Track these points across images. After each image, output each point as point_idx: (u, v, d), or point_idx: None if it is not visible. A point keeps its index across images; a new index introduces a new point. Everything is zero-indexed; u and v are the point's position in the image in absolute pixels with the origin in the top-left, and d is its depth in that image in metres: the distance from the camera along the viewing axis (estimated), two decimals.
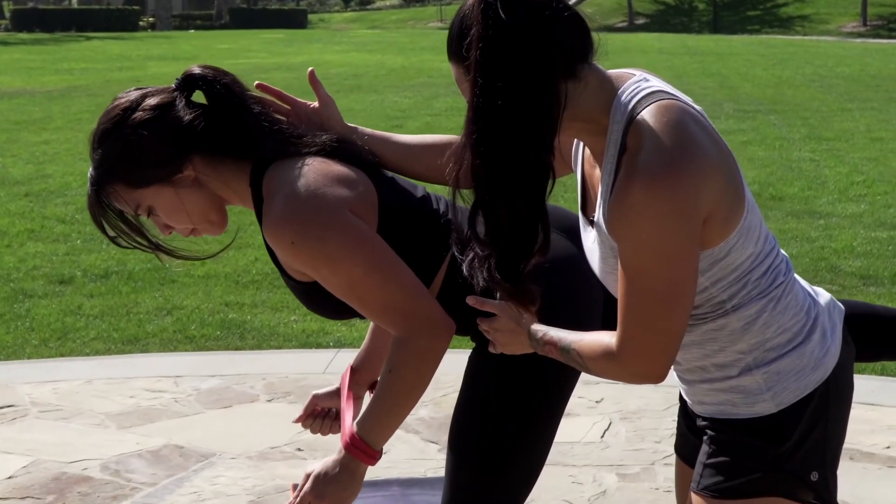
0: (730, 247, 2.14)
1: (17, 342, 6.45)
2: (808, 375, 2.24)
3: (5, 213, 9.87)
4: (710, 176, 2.07)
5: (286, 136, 2.53)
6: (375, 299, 2.45)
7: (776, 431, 2.23)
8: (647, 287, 2.08)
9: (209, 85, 2.53)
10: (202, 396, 5.37)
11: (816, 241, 8.61)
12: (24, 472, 4.56)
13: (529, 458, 2.61)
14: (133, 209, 2.55)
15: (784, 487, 2.24)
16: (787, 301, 2.23)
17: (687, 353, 2.28)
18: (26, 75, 22.73)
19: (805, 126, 14.93)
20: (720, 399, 2.28)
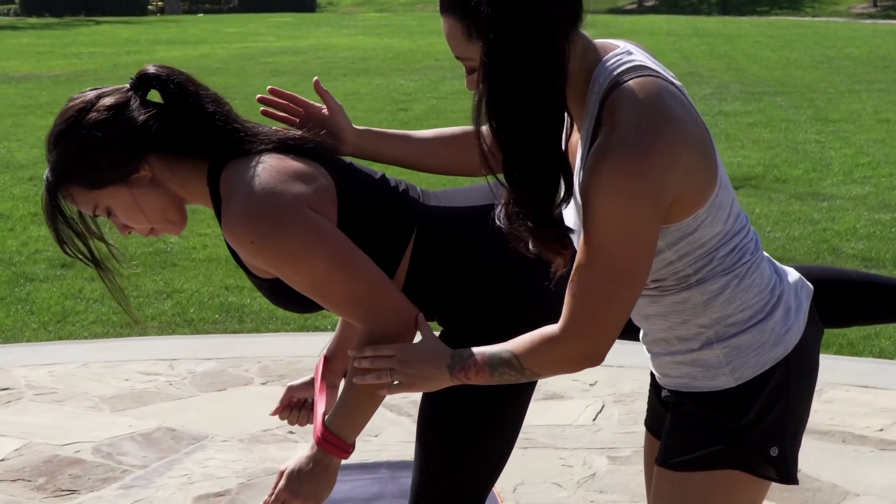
0: (699, 222, 2.15)
1: (16, 325, 6.46)
2: (768, 352, 2.26)
3: (9, 196, 9.89)
4: (683, 155, 2.08)
5: (241, 134, 2.50)
6: (339, 294, 2.44)
7: (735, 405, 2.25)
8: (603, 263, 2.09)
9: (162, 84, 2.50)
10: (197, 379, 5.38)
11: (819, 223, 8.60)
12: (16, 454, 4.57)
13: (497, 443, 2.62)
14: (91, 210, 2.52)
15: (743, 461, 2.26)
16: (751, 279, 2.25)
17: (652, 324, 2.31)
18: (34, 60, 22.74)
19: (812, 108, 14.89)
20: (682, 372, 2.30)
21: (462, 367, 2.28)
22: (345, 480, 4.27)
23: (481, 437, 2.58)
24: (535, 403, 4.70)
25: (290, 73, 19.01)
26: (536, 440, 4.55)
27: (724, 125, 13.41)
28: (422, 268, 2.53)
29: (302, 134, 2.57)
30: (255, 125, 2.57)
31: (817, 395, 5.02)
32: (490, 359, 2.25)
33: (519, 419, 2.63)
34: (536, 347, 2.19)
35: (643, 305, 2.29)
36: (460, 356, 2.29)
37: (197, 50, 24.07)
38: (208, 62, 21.25)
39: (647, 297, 2.27)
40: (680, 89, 2.16)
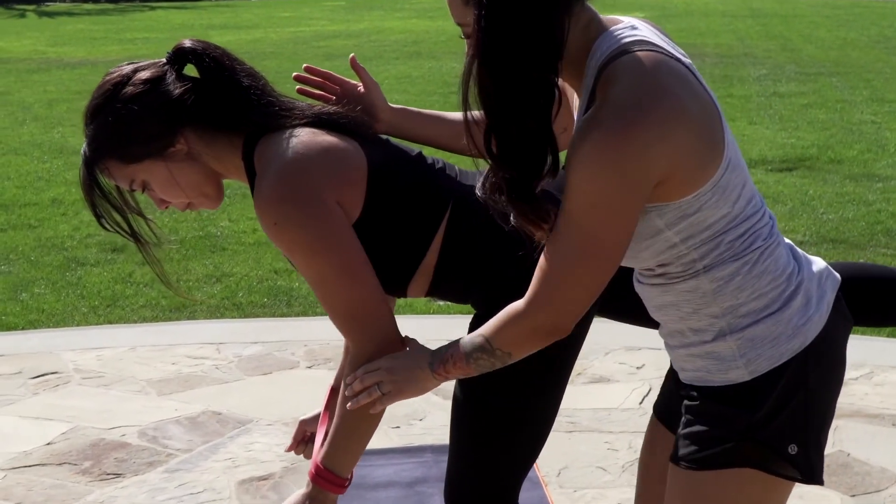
0: (701, 203, 2.08)
1: (66, 309, 6.50)
2: (785, 343, 2.16)
3: (62, 181, 9.95)
4: (675, 133, 2.02)
5: (275, 108, 2.50)
6: (340, 300, 2.41)
7: (748, 399, 2.16)
8: (574, 236, 2.05)
9: (198, 58, 2.50)
10: (243, 363, 5.39)
11: (874, 204, 8.49)
12: (62, 438, 4.59)
13: (532, 427, 2.59)
14: (128, 185, 2.52)
15: (758, 459, 2.17)
16: (764, 265, 2.15)
17: (665, 314, 2.25)
18: (90, 45, 22.85)
19: (868, 88, 14.70)
20: (697, 365, 2.23)
21: (441, 361, 2.26)
22: (389, 464, 4.28)
23: (516, 421, 2.56)
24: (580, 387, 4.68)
25: (342, 56, 18.98)
26: (581, 424, 4.52)
27: (778, 106, 13.27)
28: (455, 245, 2.51)
29: (337, 109, 2.56)
30: (290, 100, 2.56)
31: (868, 378, 4.96)
32: (464, 346, 2.23)
33: (555, 403, 2.60)
34: (504, 324, 2.17)
35: (655, 296, 2.23)
36: (440, 352, 2.28)
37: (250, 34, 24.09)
38: (262, 46, 21.27)
39: (657, 287, 2.21)
40: (688, 67, 2.10)
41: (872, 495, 3.98)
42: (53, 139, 12.02)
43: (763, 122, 12.26)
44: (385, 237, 2.49)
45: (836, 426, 4.48)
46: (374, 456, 4.36)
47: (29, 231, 8.28)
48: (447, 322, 5.93)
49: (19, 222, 8.53)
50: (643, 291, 2.28)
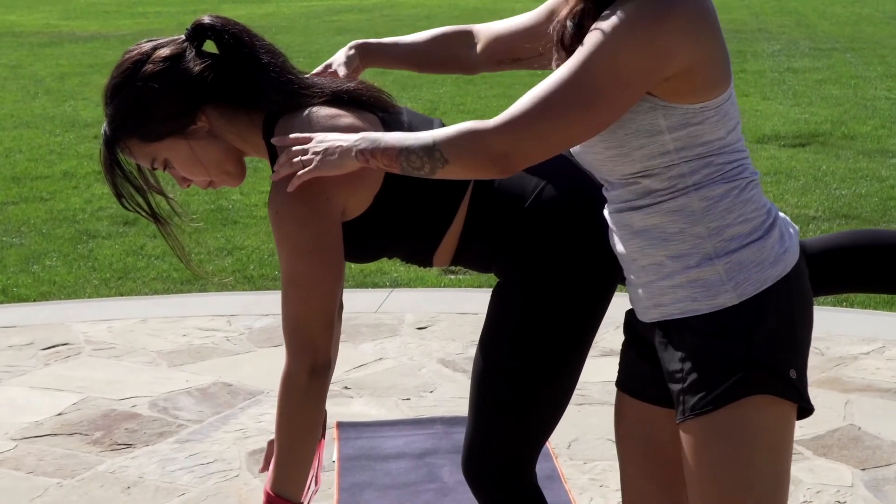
0: (705, 117, 2.15)
1: (78, 282, 6.51)
2: (769, 269, 2.20)
3: (74, 154, 9.95)
4: (704, 32, 2.10)
5: (295, 86, 2.48)
6: (301, 306, 2.40)
7: (741, 324, 2.18)
8: (572, 81, 2.08)
9: (217, 35, 2.48)
10: (254, 335, 5.40)
11: (887, 180, 8.45)
12: (73, 408, 4.61)
13: (552, 399, 2.59)
14: (149, 164, 2.51)
15: (767, 383, 2.17)
16: (750, 194, 2.21)
17: (642, 243, 2.24)
18: (102, 19, 22.85)
19: (882, 64, 14.63)
20: (679, 296, 2.22)
21: (370, 146, 2.26)
22: (399, 436, 4.28)
23: (535, 393, 2.55)
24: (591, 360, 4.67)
25: (355, 31, 18.97)
26: (592, 396, 4.52)
27: (792, 82, 13.23)
28: (480, 214, 2.50)
29: (356, 86, 2.54)
30: (309, 76, 2.55)
31: (879, 353, 4.95)
32: (404, 140, 2.22)
33: (576, 374, 2.59)
34: (461, 134, 2.16)
35: (636, 220, 2.22)
36: (373, 136, 2.27)
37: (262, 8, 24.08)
38: (274, 20, 21.25)
39: (640, 210, 2.21)
40: None
41: (883, 469, 3.97)
42: (65, 112, 12.03)
43: (777, 97, 12.22)
44: (409, 208, 2.49)
45: (848, 400, 4.48)
46: (385, 427, 4.37)
47: (41, 204, 8.29)
48: (458, 295, 5.93)
49: (31, 195, 8.54)
50: (620, 220, 2.26)
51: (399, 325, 5.54)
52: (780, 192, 8.10)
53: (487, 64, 2.67)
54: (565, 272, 2.47)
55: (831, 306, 5.66)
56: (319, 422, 2.48)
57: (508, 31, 2.63)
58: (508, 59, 2.63)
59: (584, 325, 2.54)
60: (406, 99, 11.02)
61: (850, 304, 5.73)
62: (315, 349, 2.41)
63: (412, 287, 6.21)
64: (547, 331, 2.51)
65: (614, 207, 2.28)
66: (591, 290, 2.50)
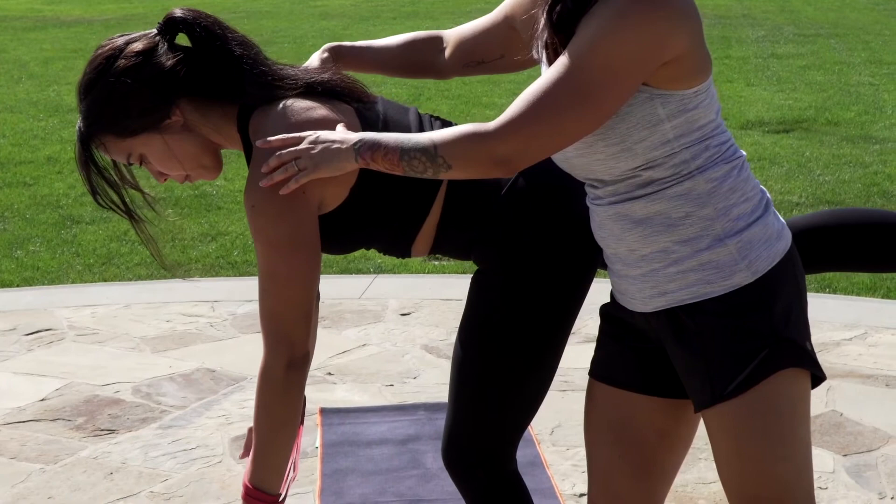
0: (699, 101, 2.17)
1: (61, 267, 6.50)
2: (775, 244, 2.24)
3: (58, 139, 9.93)
4: (693, 21, 2.13)
5: (268, 78, 2.47)
6: (278, 299, 2.41)
7: (760, 300, 2.21)
8: (571, 79, 2.08)
9: (189, 28, 2.47)
10: (237, 321, 5.39)
11: (870, 166, 8.47)
12: (56, 394, 4.60)
13: (532, 385, 2.59)
14: (125, 159, 2.50)
15: (792, 356, 2.22)
16: (747, 173, 2.26)
17: (646, 231, 2.24)
18: (85, 4, 22.76)
19: (866, 50, 14.65)
20: (690, 280, 2.23)
21: (370, 148, 2.24)
22: (382, 422, 4.29)
23: (515, 379, 2.55)
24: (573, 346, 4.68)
25: (339, 16, 18.93)
26: (575, 383, 4.53)
27: (776, 67, 13.23)
28: (457, 203, 2.50)
29: (330, 76, 2.54)
30: (283, 67, 2.53)
31: (862, 339, 4.97)
32: (403, 142, 2.21)
33: (556, 359, 2.59)
34: (462, 138, 2.16)
35: (638, 209, 2.22)
36: (370, 138, 2.25)
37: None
38: (258, 5, 21.19)
39: (642, 199, 2.21)
40: None
41: (864, 455, 3.99)
42: (49, 97, 11.99)
43: (761, 83, 12.22)
44: (386, 199, 2.48)
45: (830, 386, 4.49)
46: (368, 413, 4.37)
47: (24, 189, 8.27)
48: (442, 281, 5.93)
49: (14, 180, 8.52)
50: (616, 211, 2.26)
51: (383, 311, 5.54)
52: (764, 179, 8.11)
53: (456, 68, 2.67)
54: (543, 257, 2.48)
55: (814, 293, 5.67)
56: (297, 413, 2.48)
57: (470, 33, 2.63)
58: (473, 62, 2.63)
59: (564, 310, 2.54)
60: (391, 84, 11.01)
61: (833, 291, 5.75)
62: (292, 342, 2.41)
63: (396, 273, 6.21)
64: (526, 316, 2.51)
65: (607, 201, 2.27)
66: (570, 275, 2.50)
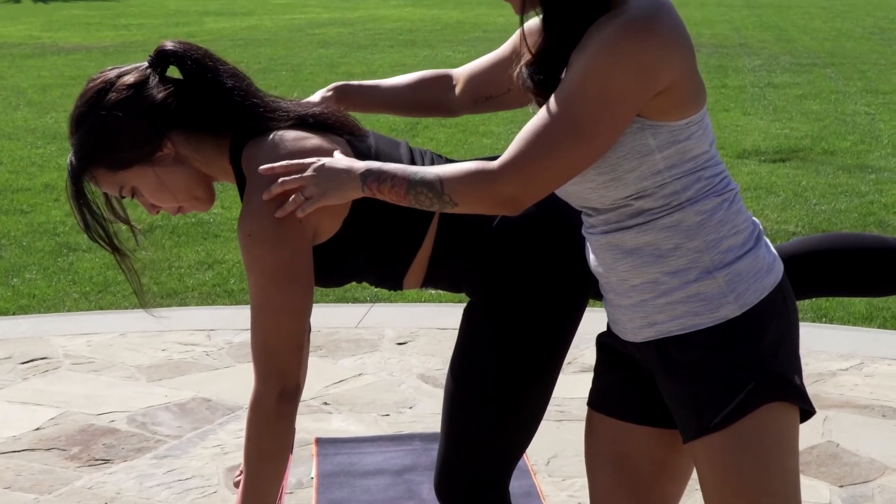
0: (690, 132, 2.17)
1: (57, 295, 6.49)
2: (765, 277, 2.25)
3: (55, 167, 9.92)
4: (682, 49, 2.14)
5: (260, 109, 2.48)
6: (271, 330, 2.40)
7: (747, 334, 2.21)
8: (567, 115, 2.09)
9: (180, 60, 2.48)
10: (233, 350, 5.39)
11: (866, 195, 8.49)
12: (51, 423, 4.59)
13: (524, 417, 2.59)
14: (117, 192, 2.51)
15: (779, 389, 2.22)
16: (738, 205, 2.26)
17: (636, 261, 2.24)
18: (84, 31, 22.80)
19: (862, 79, 14.69)
20: (678, 312, 2.24)
21: (377, 179, 2.25)
22: (377, 452, 4.28)
23: (507, 411, 2.55)
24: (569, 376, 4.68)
25: (337, 44, 18.96)
26: (571, 413, 4.52)
27: (772, 97, 13.27)
28: (449, 236, 2.50)
29: (322, 109, 2.54)
30: (275, 99, 2.54)
31: (858, 369, 4.97)
32: (411, 175, 2.22)
33: (549, 391, 2.59)
34: (467, 177, 2.18)
35: (629, 239, 2.23)
36: (377, 169, 2.26)
37: (245, 21, 24.05)
38: (256, 33, 21.23)
39: (632, 229, 2.22)
40: None
41: (861, 486, 3.99)
42: (47, 124, 11.99)
43: (757, 112, 12.25)
44: (379, 231, 2.49)
45: (826, 417, 4.49)
46: (363, 444, 4.36)
47: (21, 216, 8.27)
48: (438, 310, 5.93)
49: (11, 207, 8.52)
50: (608, 241, 2.27)
51: (379, 340, 5.53)
52: (761, 208, 8.12)
53: (466, 105, 2.69)
54: (535, 290, 2.48)
55: (810, 322, 5.67)
56: (288, 446, 2.48)
57: (479, 69, 2.65)
58: (482, 97, 2.65)
59: (556, 340, 2.54)
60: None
61: (829, 321, 5.75)
62: (284, 374, 2.41)
63: (393, 302, 6.21)
64: (518, 348, 2.51)
65: (600, 230, 2.28)
66: (561, 306, 2.51)
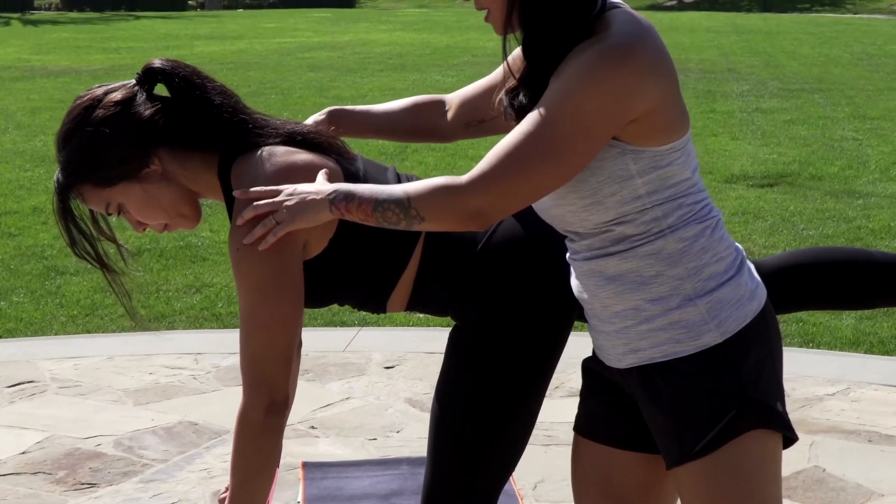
0: (672, 158, 2.18)
1: (45, 318, 6.48)
2: (747, 305, 2.25)
3: (44, 190, 9.91)
4: (661, 74, 2.14)
5: (248, 126, 2.49)
6: (259, 342, 2.41)
7: (729, 361, 2.22)
8: (540, 134, 2.10)
9: (168, 78, 2.49)
10: (221, 373, 5.38)
11: (854, 220, 8.51)
12: (37, 447, 4.58)
13: (509, 441, 2.58)
14: (104, 209, 2.52)
15: (760, 417, 2.22)
16: (721, 232, 2.26)
17: (618, 288, 2.25)
18: (74, 54, 22.81)
19: (850, 105, 14.74)
20: (660, 339, 2.24)
21: (345, 198, 2.26)
22: (364, 476, 4.26)
23: (492, 436, 2.55)
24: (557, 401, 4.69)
25: (327, 68, 18.99)
26: (558, 437, 4.52)
27: (760, 122, 13.31)
28: (434, 258, 2.51)
29: (311, 128, 2.56)
30: (263, 117, 2.55)
31: (844, 394, 4.97)
32: (378, 193, 2.23)
33: (533, 415, 2.60)
34: (435, 191, 2.19)
35: (611, 266, 2.24)
36: (345, 189, 2.27)
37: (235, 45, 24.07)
38: (246, 57, 21.25)
39: (614, 256, 2.23)
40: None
41: None
42: (36, 147, 11.99)
43: (745, 137, 12.29)
44: (363, 253, 2.49)
45: (813, 441, 4.49)
46: (350, 468, 4.35)
47: (9, 239, 8.26)
48: (426, 334, 5.92)
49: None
50: (591, 267, 2.28)
51: (366, 364, 5.53)
52: (748, 233, 8.14)
53: (458, 130, 2.71)
54: (519, 313, 2.48)
55: (797, 347, 5.68)
56: (275, 460, 2.48)
57: (472, 93, 2.68)
58: (475, 121, 2.67)
59: (541, 363, 2.54)
60: None
61: (816, 346, 5.76)
62: (273, 386, 2.41)
63: (380, 326, 6.21)
64: (503, 371, 2.52)
65: (583, 256, 2.29)
66: (545, 329, 2.51)
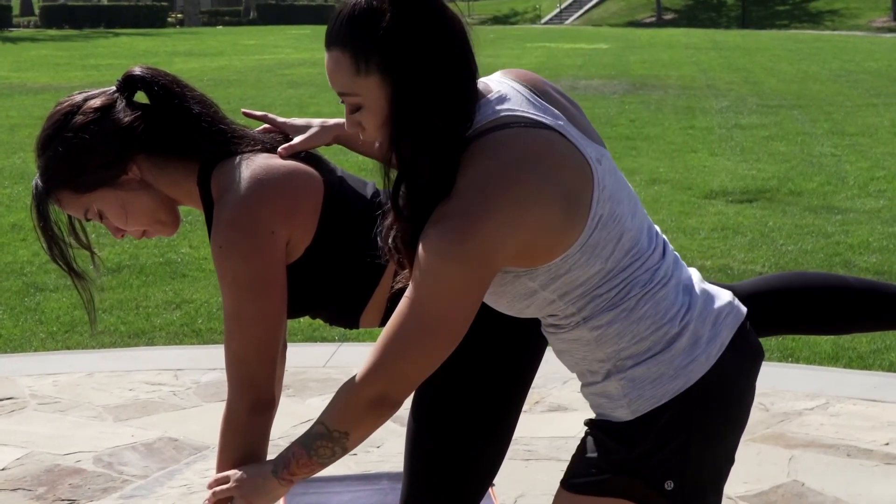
0: (570, 264, 2.14)
1: (24, 335, 6.46)
2: (667, 384, 2.21)
3: (22, 207, 9.90)
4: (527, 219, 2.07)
5: (227, 135, 2.50)
6: (244, 341, 2.41)
7: (627, 437, 2.24)
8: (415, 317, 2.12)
9: (147, 85, 2.50)
10: (201, 390, 5.37)
11: (832, 236, 8.55)
12: (17, 463, 4.56)
13: (486, 457, 2.59)
14: (82, 215, 2.52)
15: (632, 492, 2.25)
16: (642, 311, 2.20)
17: (564, 358, 2.33)
18: (53, 71, 22.83)
19: (828, 121, 14.84)
20: (595, 402, 2.31)
21: (283, 465, 2.31)
22: (345, 491, 4.26)
23: (468, 449, 2.56)
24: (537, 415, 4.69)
25: (306, 84, 19.03)
26: (539, 452, 4.53)
27: (739, 138, 13.38)
28: None
29: (289, 138, 2.57)
30: (242, 128, 2.56)
31: (823, 409, 4.99)
32: (304, 440, 2.27)
33: (509, 429, 2.60)
34: (337, 402, 2.23)
35: (553, 342, 2.32)
36: (281, 457, 2.31)
37: (215, 62, 24.12)
38: (226, 74, 21.29)
39: (551, 335, 2.30)
40: (558, 129, 2.15)
41: None
42: (14, 164, 11.98)
43: (724, 153, 12.35)
44: (338, 264, 2.50)
45: (792, 456, 4.51)
46: (331, 483, 4.35)
47: None
48: None
49: None
50: (546, 336, 2.35)
51: None
52: (728, 248, 8.18)
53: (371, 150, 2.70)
54: (491, 328, 2.48)
55: (777, 362, 5.70)
56: (260, 460, 2.48)
57: None
58: None
59: (516, 378, 2.57)
60: None
61: (795, 360, 5.78)
62: (257, 385, 2.42)
63: (361, 341, 6.20)
64: (476, 386, 2.53)
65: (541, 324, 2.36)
66: (519, 345, 2.52)
